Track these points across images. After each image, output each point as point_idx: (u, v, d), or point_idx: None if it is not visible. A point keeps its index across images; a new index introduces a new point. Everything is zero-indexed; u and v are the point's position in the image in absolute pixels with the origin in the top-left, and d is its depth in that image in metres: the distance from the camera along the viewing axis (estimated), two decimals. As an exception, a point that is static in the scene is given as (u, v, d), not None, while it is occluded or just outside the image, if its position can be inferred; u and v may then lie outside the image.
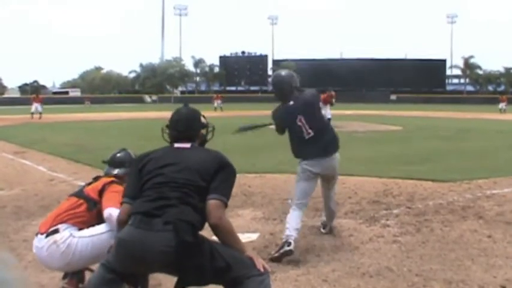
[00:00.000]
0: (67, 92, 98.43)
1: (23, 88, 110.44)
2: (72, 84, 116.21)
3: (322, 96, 26.45)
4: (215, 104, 56.66)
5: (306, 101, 6.43)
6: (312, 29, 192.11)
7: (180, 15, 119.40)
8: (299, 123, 6.25)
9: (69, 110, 50.21)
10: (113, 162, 5.52)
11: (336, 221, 7.21)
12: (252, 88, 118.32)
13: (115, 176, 5.22)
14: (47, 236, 4.57)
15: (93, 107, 61.13)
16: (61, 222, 4.63)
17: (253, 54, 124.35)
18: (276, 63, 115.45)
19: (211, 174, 3.71)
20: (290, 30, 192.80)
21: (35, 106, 39.00)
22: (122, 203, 3.78)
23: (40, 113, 38.35)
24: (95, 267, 5.14)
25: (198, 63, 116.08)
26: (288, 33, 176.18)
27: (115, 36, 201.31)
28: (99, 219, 4.69)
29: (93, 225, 4.65)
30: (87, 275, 4.79)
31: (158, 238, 3.31)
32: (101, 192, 4.83)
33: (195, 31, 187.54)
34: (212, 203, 3.63)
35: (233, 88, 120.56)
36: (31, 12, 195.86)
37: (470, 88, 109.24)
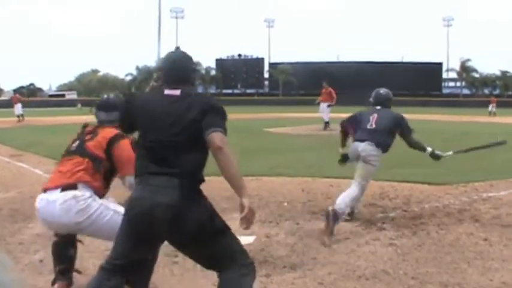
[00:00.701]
0: (63, 95, 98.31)
1: (19, 91, 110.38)
2: (69, 86, 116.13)
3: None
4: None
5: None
6: (309, 32, 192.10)
7: (177, 18, 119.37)
8: None
9: (66, 112, 50.16)
10: (107, 106, 5.19)
11: (332, 224, 7.24)
12: (249, 91, 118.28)
13: (112, 122, 4.93)
14: (62, 190, 4.50)
15: (84, 109, 60.90)
16: (78, 180, 4.53)
17: (249, 57, 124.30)
18: (273, 66, 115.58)
19: (202, 118, 3.70)
20: (286, 33, 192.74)
21: (16, 107, 36.61)
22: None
23: (19, 116, 36.00)
24: (83, 268, 5.16)
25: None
26: (285, 36, 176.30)
27: (111, 38, 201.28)
28: (107, 181, 4.69)
29: (102, 188, 4.64)
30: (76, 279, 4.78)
31: (165, 194, 3.53)
32: (108, 149, 4.68)
33: (192, 34, 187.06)
34: (213, 134, 3.65)
35: (229, 91, 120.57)
36: (28, 14, 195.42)
37: (466, 91, 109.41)
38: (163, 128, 3.69)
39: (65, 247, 4.92)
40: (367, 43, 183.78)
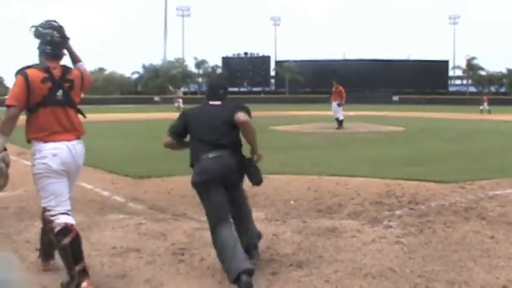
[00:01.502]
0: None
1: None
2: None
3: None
4: (176, 104, 56.56)
5: None
6: (315, 30, 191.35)
7: (183, 16, 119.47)
8: None
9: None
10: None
11: (338, 222, 7.23)
12: (255, 89, 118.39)
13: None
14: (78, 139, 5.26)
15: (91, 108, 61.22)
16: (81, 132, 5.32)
17: (255, 55, 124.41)
18: (279, 64, 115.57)
19: (234, 113, 5.53)
20: (293, 31, 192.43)
21: None
22: (168, 135, 5.90)
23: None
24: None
25: (200, 64, 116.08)
26: (291, 34, 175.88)
27: (117, 37, 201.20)
28: None
29: None
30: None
31: (230, 159, 5.52)
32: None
33: (198, 32, 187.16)
34: (239, 114, 5.49)
35: (235, 89, 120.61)
36: (32, 12, 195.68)
37: (472, 89, 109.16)
38: (214, 122, 5.63)
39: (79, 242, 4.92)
40: (373, 41, 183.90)
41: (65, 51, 5.35)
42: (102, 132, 25.29)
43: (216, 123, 5.53)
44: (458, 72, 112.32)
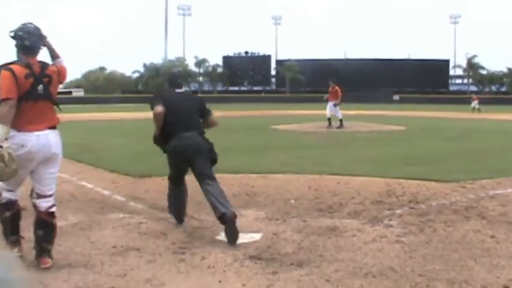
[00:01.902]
0: (70, 92, 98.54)
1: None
2: (76, 84, 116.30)
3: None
4: None
5: None
6: (315, 29, 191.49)
7: (184, 15, 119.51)
8: None
9: (73, 110, 50.29)
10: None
11: (339, 221, 7.23)
12: (255, 88, 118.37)
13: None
14: (52, 129, 5.63)
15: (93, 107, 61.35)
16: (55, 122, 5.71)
17: (256, 54, 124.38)
18: (280, 63, 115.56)
19: (200, 106, 7.51)
20: (293, 31, 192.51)
21: None
22: (158, 106, 6.99)
23: None
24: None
25: (200, 63, 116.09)
26: (292, 33, 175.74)
27: (118, 36, 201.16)
28: None
29: None
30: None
31: (197, 138, 7.05)
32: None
33: (199, 31, 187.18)
34: (211, 118, 7.56)
35: (236, 88, 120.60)
36: (33, 11, 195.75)
37: (473, 88, 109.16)
38: (185, 108, 7.28)
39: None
40: (374, 40, 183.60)
41: (43, 47, 5.79)
42: (103, 132, 25.34)
43: (187, 109, 7.20)
44: (459, 72, 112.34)
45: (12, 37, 5.52)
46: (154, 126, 7.10)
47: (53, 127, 5.64)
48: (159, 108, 6.94)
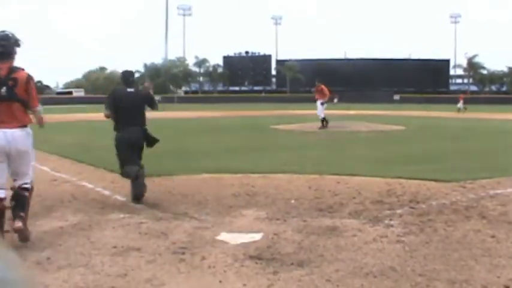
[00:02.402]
0: (71, 92, 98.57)
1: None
2: (76, 84, 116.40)
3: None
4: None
5: None
6: (316, 29, 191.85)
7: (184, 15, 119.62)
8: None
9: (73, 110, 50.32)
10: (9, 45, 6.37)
11: (339, 221, 7.23)
12: (256, 88, 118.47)
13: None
14: (20, 127, 6.24)
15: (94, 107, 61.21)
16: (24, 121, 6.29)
17: (256, 54, 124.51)
18: (280, 63, 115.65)
19: (147, 102, 9.14)
20: (294, 30, 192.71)
21: None
22: (107, 110, 8.87)
23: None
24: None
25: (201, 63, 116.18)
26: (292, 33, 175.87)
27: (119, 36, 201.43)
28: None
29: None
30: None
31: (138, 133, 8.71)
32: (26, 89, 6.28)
33: (199, 31, 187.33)
34: (155, 108, 9.30)
35: (237, 88, 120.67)
36: (34, 11, 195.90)
37: (474, 88, 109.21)
38: (130, 104, 8.88)
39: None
40: (374, 40, 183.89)
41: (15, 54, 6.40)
42: (104, 132, 25.29)
43: (134, 107, 8.89)
44: (459, 71, 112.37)
45: None
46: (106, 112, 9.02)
47: (23, 126, 6.28)
48: (106, 113, 8.99)
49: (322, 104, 25.69)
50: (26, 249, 6.02)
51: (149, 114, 9.14)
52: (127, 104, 8.79)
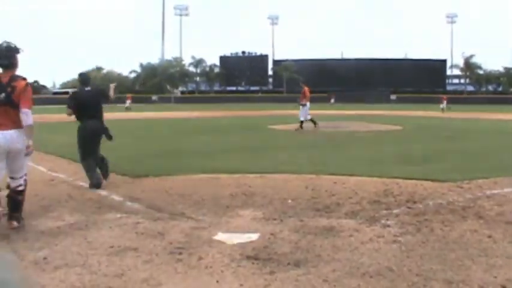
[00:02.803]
0: (67, 93, 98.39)
1: None
2: (73, 84, 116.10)
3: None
4: (127, 104, 58.03)
5: None
6: (313, 29, 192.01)
7: (181, 15, 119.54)
8: None
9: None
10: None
11: (336, 221, 7.23)
12: (252, 88, 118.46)
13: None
14: (17, 129, 6.85)
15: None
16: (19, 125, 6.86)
17: (253, 54, 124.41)
18: (277, 63, 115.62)
19: (99, 97, 10.49)
20: (290, 30, 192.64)
21: None
22: (68, 109, 10.07)
23: None
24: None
25: (197, 63, 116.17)
26: (289, 33, 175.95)
27: (115, 36, 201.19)
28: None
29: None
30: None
31: (97, 124, 10.18)
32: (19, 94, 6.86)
33: (196, 31, 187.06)
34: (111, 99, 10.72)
35: (233, 88, 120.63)
36: (30, 11, 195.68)
37: (470, 88, 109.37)
38: (89, 102, 10.13)
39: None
40: (371, 40, 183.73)
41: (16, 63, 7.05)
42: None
43: (92, 103, 10.26)
44: (456, 72, 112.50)
45: None
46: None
47: (19, 127, 6.87)
48: (68, 111, 10.28)
49: (301, 105, 25.68)
50: (23, 249, 6.01)
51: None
52: (86, 100, 10.17)
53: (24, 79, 7.01)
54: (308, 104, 25.56)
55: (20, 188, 7.11)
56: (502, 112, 45.48)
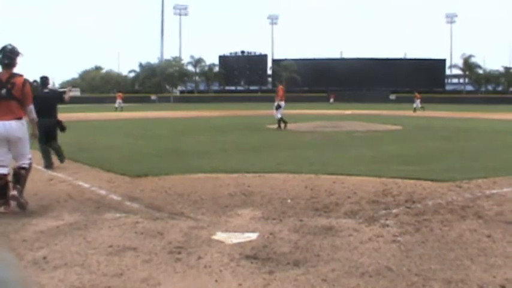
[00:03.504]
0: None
1: None
2: (72, 83, 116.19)
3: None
4: (116, 104, 57.25)
5: None
6: (312, 28, 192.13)
7: (180, 14, 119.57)
8: None
9: (69, 109, 50.21)
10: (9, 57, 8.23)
11: (335, 221, 7.23)
12: (252, 88, 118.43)
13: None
14: (16, 119, 8.07)
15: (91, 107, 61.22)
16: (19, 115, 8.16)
17: (252, 54, 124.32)
18: (276, 62, 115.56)
19: (58, 98, 13.49)
20: (290, 30, 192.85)
21: None
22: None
23: None
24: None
25: (196, 62, 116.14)
26: (288, 32, 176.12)
27: (114, 35, 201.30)
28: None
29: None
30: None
31: (50, 121, 12.68)
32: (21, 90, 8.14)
33: (195, 31, 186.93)
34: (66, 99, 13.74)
35: (232, 88, 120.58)
36: (30, 11, 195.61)
37: (470, 88, 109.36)
38: (45, 101, 12.24)
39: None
40: (370, 40, 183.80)
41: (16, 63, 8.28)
42: (99, 131, 25.30)
43: (49, 103, 12.62)
44: (456, 71, 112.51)
45: None
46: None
47: (18, 118, 8.11)
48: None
49: (278, 105, 25.72)
50: (22, 249, 6.01)
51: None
52: (42, 101, 11.67)
53: (21, 76, 8.20)
54: (282, 103, 25.66)
55: (24, 166, 8.33)
56: (502, 112, 45.47)
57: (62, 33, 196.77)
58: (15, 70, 8.25)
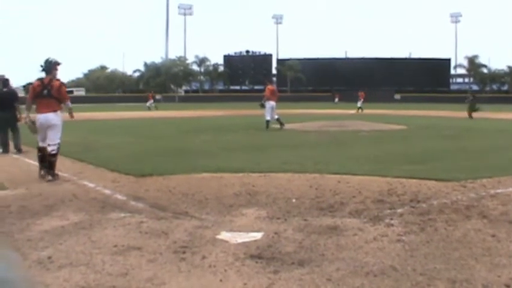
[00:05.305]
0: (71, 91, 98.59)
1: (27, 87, 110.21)
2: (77, 83, 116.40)
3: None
4: (148, 104, 57.21)
5: None
6: (317, 28, 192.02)
7: (185, 14, 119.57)
8: None
9: (74, 109, 50.25)
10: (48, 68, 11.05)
11: (340, 220, 7.22)
12: (256, 87, 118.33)
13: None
14: (53, 112, 10.89)
15: (97, 106, 61.26)
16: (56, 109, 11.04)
17: (257, 53, 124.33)
18: (281, 62, 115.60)
19: (11, 97, 16.48)
20: (295, 29, 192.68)
21: None
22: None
23: None
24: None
25: (201, 62, 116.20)
26: (293, 32, 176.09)
27: (119, 35, 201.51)
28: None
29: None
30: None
31: (7, 115, 16.38)
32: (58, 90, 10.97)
33: (200, 30, 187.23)
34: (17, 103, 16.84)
35: (237, 87, 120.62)
36: (35, 10, 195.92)
37: (474, 87, 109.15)
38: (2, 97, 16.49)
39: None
40: (375, 39, 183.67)
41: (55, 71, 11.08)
42: (104, 131, 25.33)
43: (7, 101, 16.00)
44: (460, 71, 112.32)
45: (41, 65, 10.92)
46: None
47: (55, 111, 10.90)
48: None
49: (262, 105, 25.93)
50: (26, 248, 6.02)
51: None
52: (2, 98, 15.91)
53: (58, 80, 11.08)
54: (272, 103, 25.66)
55: (53, 152, 10.76)
56: (507, 111, 45.35)
57: (67, 33, 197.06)
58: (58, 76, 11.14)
